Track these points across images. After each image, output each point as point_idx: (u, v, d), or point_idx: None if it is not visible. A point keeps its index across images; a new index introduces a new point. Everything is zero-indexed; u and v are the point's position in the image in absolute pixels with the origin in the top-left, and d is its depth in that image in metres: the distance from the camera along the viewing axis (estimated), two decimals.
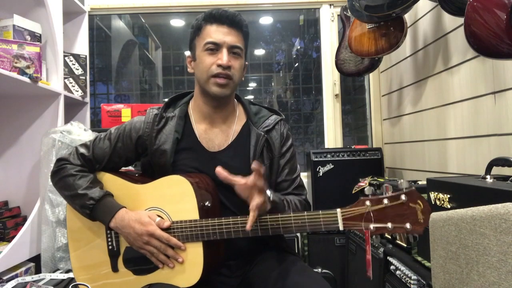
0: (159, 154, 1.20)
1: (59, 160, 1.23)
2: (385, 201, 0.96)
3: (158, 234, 1.07)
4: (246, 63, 1.27)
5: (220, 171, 1.02)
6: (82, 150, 1.23)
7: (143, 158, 1.26)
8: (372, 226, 0.96)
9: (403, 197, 0.94)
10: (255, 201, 0.99)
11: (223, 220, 1.06)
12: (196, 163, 1.20)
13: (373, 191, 1.00)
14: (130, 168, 1.64)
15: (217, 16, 1.16)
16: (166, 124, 1.22)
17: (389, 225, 0.95)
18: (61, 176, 1.20)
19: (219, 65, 1.14)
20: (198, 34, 1.20)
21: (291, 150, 1.29)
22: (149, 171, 1.24)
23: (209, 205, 1.11)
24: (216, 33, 1.16)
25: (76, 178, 1.17)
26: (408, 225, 0.94)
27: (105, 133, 1.26)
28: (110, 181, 1.22)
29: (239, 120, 1.28)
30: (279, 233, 1.04)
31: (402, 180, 0.97)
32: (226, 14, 1.16)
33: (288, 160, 1.27)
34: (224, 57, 1.14)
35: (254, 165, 0.99)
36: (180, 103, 1.29)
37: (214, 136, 1.24)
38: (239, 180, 1.01)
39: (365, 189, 1.00)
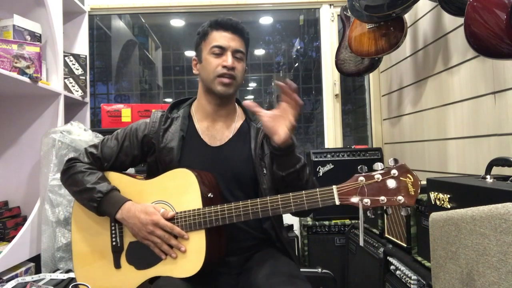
0: (166, 152, 1.26)
1: (69, 160, 1.30)
2: (377, 176, 1.02)
3: (162, 223, 1.12)
4: (246, 67, 1.36)
5: (247, 103, 1.16)
6: (91, 149, 1.30)
7: (149, 158, 1.31)
8: (366, 199, 1.01)
9: (394, 171, 1.01)
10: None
11: (225, 206, 1.10)
12: (200, 158, 1.26)
13: (366, 170, 1.06)
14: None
15: (223, 23, 1.27)
16: (172, 124, 1.31)
17: (382, 198, 1.01)
18: (71, 173, 1.26)
19: (224, 66, 1.23)
20: (205, 39, 1.29)
21: None
22: (155, 171, 1.27)
23: (212, 196, 1.15)
24: (221, 38, 1.26)
25: (85, 174, 1.24)
26: (400, 198, 0.99)
27: (112, 134, 1.34)
28: (117, 179, 1.27)
29: (239, 118, 1.36)
30: (279, 213, 1.08)
31: (391, 158, 1.03)
32: (230, 22, 1.27)
33: None
34: (229, 59, 1.24)
35: (288, 80, 1.08)
36: (183, 105, 1.38)
37: (216, 132, 1.31)
38: (265, 112, 1.11)
39: (359, 167, 1.06)
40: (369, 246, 1.74)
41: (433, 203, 1.19)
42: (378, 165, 1.03)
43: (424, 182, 1.32)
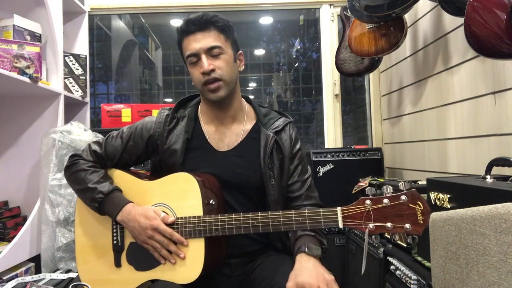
0: (170, 154, 1.23)
1: (72, 156, 1.28)
2: (385, 201, 0.97)
3: (162, 228, 1.10)
4: (240, 52, 1.28)
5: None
6: (94, 147, 1.27)
7: (153, 158, 1.30)
8: (371, 225, 0.97)
9: (403, 197, 0.96)
10: None
11: (225, 217, 1.08)
12: (205, 162, 1.23)
13: (374, 192, 1.00)
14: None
15: (185, 28, 1.20)
16: (177, 125, 1.26)
17: (389, 224, 0.96)
18: (73, 170, 1.24)
19: (203, 73, 1.17)
20: (182, 52, 1.25)
21: (301, 152, 1.31)
22: (159, 171, 1.26)
23: (213, 203, 1.13)
24: (190, 44, 1.19)
25: (87, 173, 1.22)
26: (407, 226, 0.95)
27: (117, 132, 1.30)
28: (120, 177, 1.26)
29: (248, 120, 1.30)
30: (279, 230, 1.06)
31: (402, 182, 0.98)
32: (192, 21, 1.19)
33: (299, 162, 1.29)
34: (204, 64, 1.17)
35: None
36: (191, 104, 1.33)
37: (224, 136, 1.27)
38: None
39: (366, 189, 1.01)
40: (369, 246, 1.74)
41: (433, 203, 1.19)
42: (388, 189, 0.99)
43: (424, 182, 1.32)
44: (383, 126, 2.65)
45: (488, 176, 1.07)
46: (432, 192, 1.19)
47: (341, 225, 1.00)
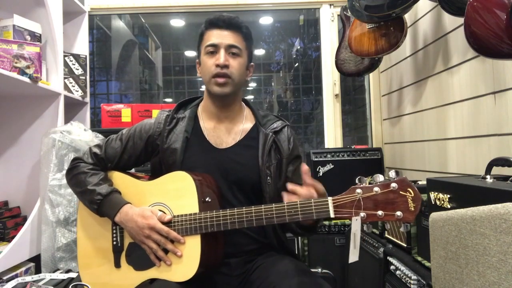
0: (170, 153, 1.25)
1: (74, 159, 1.31)
2: (376, 189, 0.96)
3: (159, 227, 1.11)
4: (252, 64, 1.34)
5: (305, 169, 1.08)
6: (95, 149, 1.30)
7: (153, 158, 1.31)
8: (362, 213, 0.97)
9: (393, 185, 0.95)
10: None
11: (220, 212, 1.09)
12: (205, 160, 1.25)
13: (364, 181, 1.00)
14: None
15: (215, 21, 1.25)
16: (177, 125, 1.29)
17: (380, 212, 0.96)
18: (74, 173, 1.27)
19: (217, 65, 1.21)
20: (201, 40, 1.28)
21: (300, 159, 1.33)
22: (158, 171, 1.27)
23: (209, 200, 1.14)
24: (214, 36, 1.24)
25: (87, 175, 1.24)
26: (399, 213, 0.94)
27: (117, 134, 1.33)
28: (119, 179, 1.28)
29: (247, 120, 1.34)
30: (272, 223, 1.06)
31: (392, 171, 0.98)
32: (223, 18, 1.25)
33: (297, 168, 1.30)
34: (221, 57, 1.21)
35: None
36: (191, 105, 1.36)
37: (222, 134, 1.29)
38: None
39: (357, 178, 1.00)
40: (369, 246, 1.74)
41: (433, 203, 1.19)
42: (378, 177, 0.98)
43: (424, 182, 1.32)
44: (383, 126, 2.65)
45: (488, 176, 1.07)
46: (432, 192, 1.19)
47: (332, 215, 0.99)
